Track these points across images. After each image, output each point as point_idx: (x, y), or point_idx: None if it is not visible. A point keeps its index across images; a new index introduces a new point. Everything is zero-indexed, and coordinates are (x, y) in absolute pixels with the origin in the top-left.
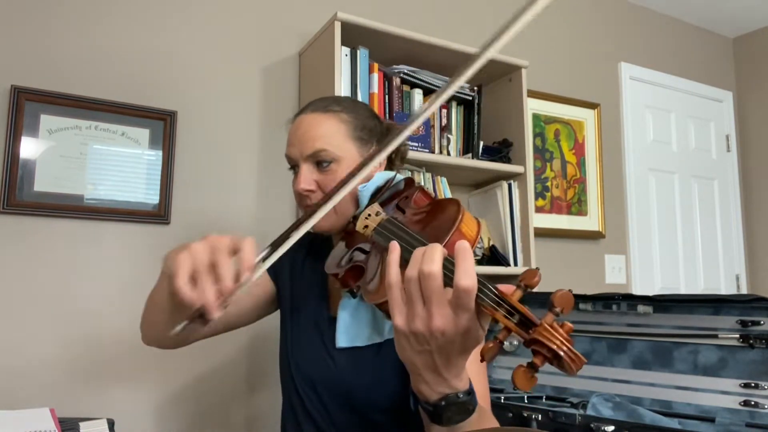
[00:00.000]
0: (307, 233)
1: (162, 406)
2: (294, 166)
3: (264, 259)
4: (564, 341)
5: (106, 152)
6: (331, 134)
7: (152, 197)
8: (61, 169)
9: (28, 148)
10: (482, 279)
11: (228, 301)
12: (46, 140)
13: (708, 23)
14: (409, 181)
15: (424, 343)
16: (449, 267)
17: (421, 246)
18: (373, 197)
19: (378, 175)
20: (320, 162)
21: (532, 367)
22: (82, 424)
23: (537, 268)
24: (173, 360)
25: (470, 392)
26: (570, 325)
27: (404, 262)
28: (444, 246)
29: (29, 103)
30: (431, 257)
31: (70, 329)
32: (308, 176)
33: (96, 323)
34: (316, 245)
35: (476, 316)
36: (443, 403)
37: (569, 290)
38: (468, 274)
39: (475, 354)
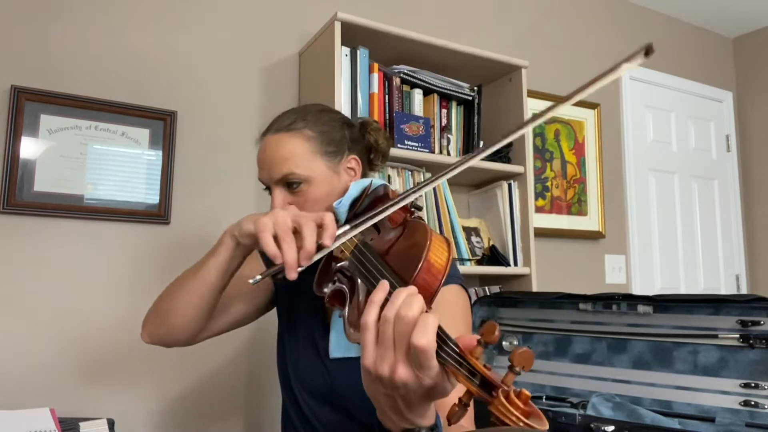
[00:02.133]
0: None
1: (162, 406)
2: (268, 188)
3: (343, 234)
4: (521, 416)
5: (106, 152)
6: (297, 154)
7: (152, 197)
8: (61, 169)
9: (28, 148)
10: (444, 336)
11: (304, 265)
12: (46, 140)
13: (708, 23)
14: (385, 189)
15: (389, 388)
16: None
17: (388, 282)
18: (352, 209)
19: (353, 185)
20: (290, 184)
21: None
22: (82, 424)
23: (496, 324)
24: (173, 360)
25: (434, 427)
26: (527, 393)
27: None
28: (414, 279)
29: (29, 103)
30: (410, 303)
31: (70, 329)
32: (281, 200)
33: (96, 323)
34: None
35: (444, 373)
36: None
37: (527, 347)
38: (425, 332)
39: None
